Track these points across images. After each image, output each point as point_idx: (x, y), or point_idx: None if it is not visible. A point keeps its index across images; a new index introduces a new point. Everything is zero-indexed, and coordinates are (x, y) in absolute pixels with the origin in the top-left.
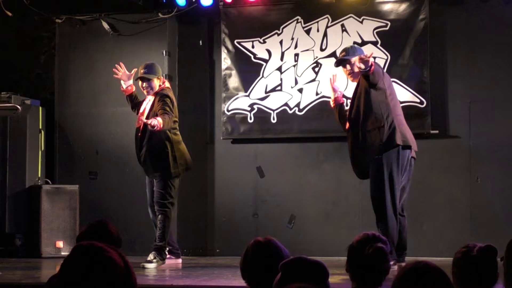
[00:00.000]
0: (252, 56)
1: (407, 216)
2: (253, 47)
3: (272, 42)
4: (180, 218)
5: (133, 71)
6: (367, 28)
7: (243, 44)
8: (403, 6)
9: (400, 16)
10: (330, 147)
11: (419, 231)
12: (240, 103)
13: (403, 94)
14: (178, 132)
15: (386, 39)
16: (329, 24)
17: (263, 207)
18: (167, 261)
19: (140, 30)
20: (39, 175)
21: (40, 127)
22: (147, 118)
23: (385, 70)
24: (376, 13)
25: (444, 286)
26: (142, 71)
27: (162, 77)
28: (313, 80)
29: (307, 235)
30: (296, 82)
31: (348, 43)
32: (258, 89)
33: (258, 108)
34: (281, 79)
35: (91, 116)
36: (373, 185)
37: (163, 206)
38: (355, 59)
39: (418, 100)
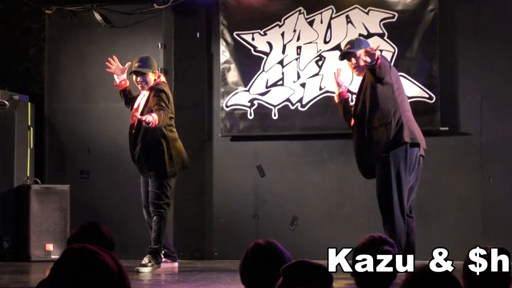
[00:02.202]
0: (252, 49)
1: (415, 217)
2: (253, 39)
3: (273, 34)
4: (176, 220)
5: (127, 64)
6: (373, 20)
7: (243, 36)
8: None
9: (408, 7)
10: (334, 145)
11: (428, 233)
12: (239, 98)
13: (411, 89)
14: (174, 129)
15: (393, 31)
16: (333, 16)
17: (264, 207)
18: (163, 265)
19: (134, 22)
20: (28, 174)
21: (29, 124)
22: (142, 114)
23: (392, 63)
24: (382, 4)
25: None
26: (136, 64)
27: (157, 71)
28: (316, 74)
29: (310, 237)
30: (298, 77)
31: (353, 35)
32: (258, 83)
33: (258, 103)
34: (282, 73)
35: (83, 112)
36: (380, 184)
37: (158, 207)
38: (360, 52)
39: (427, 96)
